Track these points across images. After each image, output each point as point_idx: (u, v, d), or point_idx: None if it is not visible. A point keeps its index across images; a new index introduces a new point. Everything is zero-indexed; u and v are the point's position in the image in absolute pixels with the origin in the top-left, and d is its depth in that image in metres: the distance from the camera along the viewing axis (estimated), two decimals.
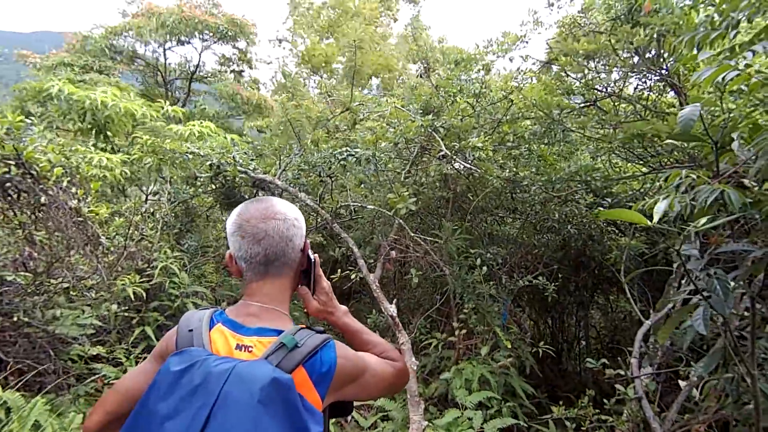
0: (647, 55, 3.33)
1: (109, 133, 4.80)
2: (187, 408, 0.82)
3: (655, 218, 1.59)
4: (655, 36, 3.16)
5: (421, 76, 4.58)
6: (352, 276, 3.78)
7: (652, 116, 3.57)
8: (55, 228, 2.74)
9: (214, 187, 5.00)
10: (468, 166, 3.86)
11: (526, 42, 3.91)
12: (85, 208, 2.81)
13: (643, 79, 3.85)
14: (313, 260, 1.13)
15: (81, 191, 2.85)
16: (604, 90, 4.03)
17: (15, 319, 2.86)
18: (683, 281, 2.75)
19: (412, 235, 3.73)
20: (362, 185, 4.95)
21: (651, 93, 3.99)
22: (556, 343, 5.29)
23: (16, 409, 2.24)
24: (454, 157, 3.83)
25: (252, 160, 4.59)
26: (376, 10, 13.86)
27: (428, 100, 4.25)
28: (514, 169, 3.82)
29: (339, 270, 3.83)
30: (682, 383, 2.33)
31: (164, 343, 1.03)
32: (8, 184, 2.81)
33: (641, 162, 3.66)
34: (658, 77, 3.57)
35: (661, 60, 3.39)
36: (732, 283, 1.47)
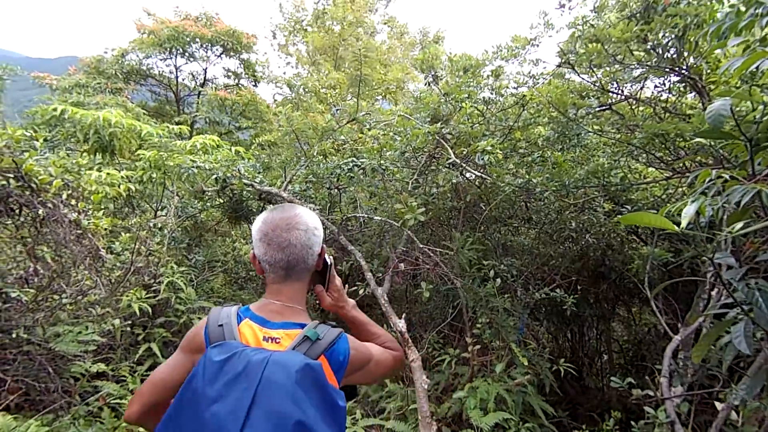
0: (666, 55, 3.17)
1: (114, 151, 4.82)
2: (233, 391, 0.93)
3: (684, 223, 1.43)
4: (673, 34, 3.01)
5: (428, 84, 4.47)
6: (360, 291, 3.64)
7: (671, 118, 3.39)
8: (55, 241, 2.67)
9: (221, 201, 4.95)
10: (478, 174, 3.71)
11: (537, 45, 3.78)
12: (85, 221, 2.74)
13: (662, 81, 3.68)
14: (330, 263, 1.27)
15: (82, 204, 2.79)
16: (620, 93, 3.86)
17: (14, 335, 2.79)
18: (714, 292, 2.56)
19: (422, 246, 3.59)
20: (372, 197, 4.84)
21: (670, 95, 3.82)
22: (576, 358, 5.05)
23: (6, 431, 2.15)
24: (463, 165, 3.69)
25: (258, 173, 4.52)
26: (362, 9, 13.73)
27: (437, 108, 4.14)
28: (527, 176, 3.66)
29: (347, 284, 3.70)
30: (719, 405, 2.13)
31: (192, 337, 1.14)
32: (11, 199, 2.78)
33: (663, 165, 3.47)
34: (679, 78, 3.40)
35: (682, 60, 3.23)
36: None
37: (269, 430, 0.88)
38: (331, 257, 1.29)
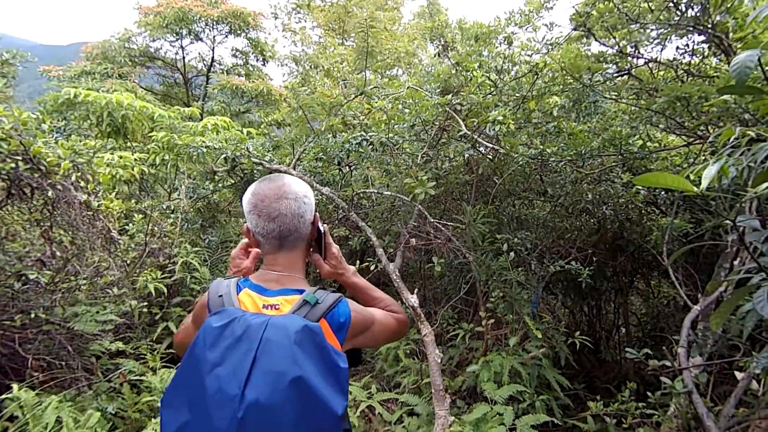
0: (689, 12, 2.99)
1: (127, 134, 4.83)
2: (234, 354, 0.95)
3: (704, 184, 1.34)
4: None
5: (438, 55, 4.33)
6: (372, 267, 3.62)
7: (694, 80, 3.22)
8: (66, 223, 2.70)
9: (232, 181, 4.94)
10: (490, 145, 3.61)
11: (551, 8, 3.61)
12: (95, 203, 2.75)
13: (685, 42, 3.49)
14: (323, 231, 1.26)
15: (91, 185, 2.81)
16: (640, 56, 3.68)
17: (33, 315, 2.86)
18: (736, 261, 2.46)
19: (432, 221, 3.53)
20: (385, 175, 4.77)
21: (694, 57, 3.62)
22: (593, 331, 4.99)
23: (28, 407, 2.22)
24: (475, 137, 3.58)
25: (268, 151, 4.49)
26: None
27: (447, 80, 4.01)
28: (540, 147, 3.54)
29: (358, 261, 3.68)
30: (739, 375, 2.06)
31: (198, 309, 1.20)
32: (22, 182, 2.81)
33: (684, 131, 3.31)
34: (703, 37, 3.21)
35: (707, 17, 3.04)
36: None
37: (269, 389, 0.91)
38: (324, 225, 1.28)
